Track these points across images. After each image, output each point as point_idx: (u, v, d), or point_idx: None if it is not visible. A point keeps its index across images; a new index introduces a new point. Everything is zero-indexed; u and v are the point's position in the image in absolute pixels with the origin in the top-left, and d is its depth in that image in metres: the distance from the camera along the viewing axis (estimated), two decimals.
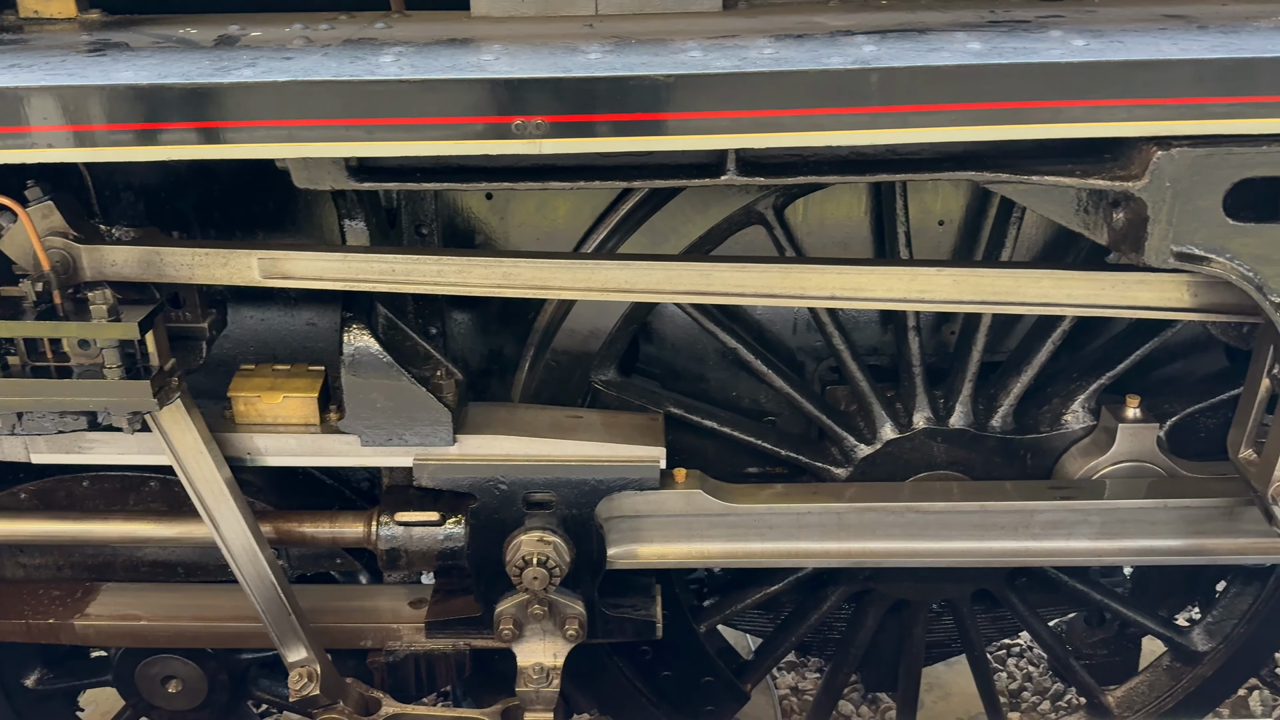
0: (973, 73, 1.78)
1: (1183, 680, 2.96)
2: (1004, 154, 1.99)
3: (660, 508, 2.47)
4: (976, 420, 2.65)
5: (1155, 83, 1.79)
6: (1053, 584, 2.86)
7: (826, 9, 2.30)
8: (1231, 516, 2.46)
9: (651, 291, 2.16)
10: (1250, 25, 1.92)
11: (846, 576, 2.85)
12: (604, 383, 2.60)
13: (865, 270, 2.19)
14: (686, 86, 1.78)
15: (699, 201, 2.42)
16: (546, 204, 2.56)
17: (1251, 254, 1.95)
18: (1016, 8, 2.17)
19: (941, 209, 2.65)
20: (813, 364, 2.84)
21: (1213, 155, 1.86)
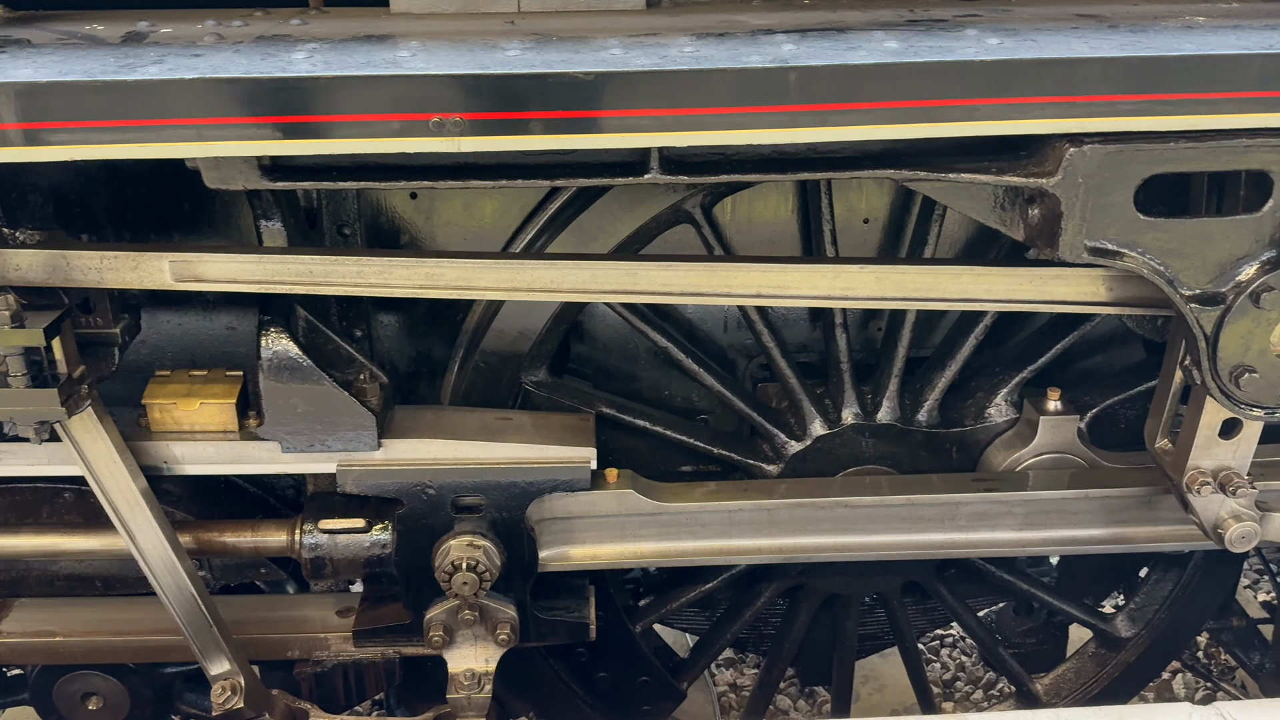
0: (889, 71, 1.80)
1: (1108, 666, 3.04)
2: (923, 152, 2.01)
3: (592, 508, 2.46)
4: (903, 415, 2.68)
5: (1067, 81, 1.82)
6: (981, 575, 2.91)
7: (750, 8, 2.31)
8: (1150, 505, 2.52)
9: (578, 291, 2.15)
10: (1159, 25, 1.96)
11: (779, 572, 2.87)
12: (535, 384, 2.58)
13: (790, 268, 2.20)
14: (605, 84, 1.77)
15: (626, 201, 2.42)
16: (473, 203, 2.53)
17: (1162, 248, 2.00)
18: (935, 7, 2.19)
19: (866, 207, 2.68)
20: (744, 362, 2.85)
21: (1123, 152, 1.90)
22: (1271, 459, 2.51)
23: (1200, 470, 2.26)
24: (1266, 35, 1.90)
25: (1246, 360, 2.05)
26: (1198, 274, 2.00)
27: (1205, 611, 3.03)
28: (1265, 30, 1.92)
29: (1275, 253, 1.98)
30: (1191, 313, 2.02)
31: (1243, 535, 2.29)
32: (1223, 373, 2.07)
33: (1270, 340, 2.04)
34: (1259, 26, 1.94)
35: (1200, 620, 3.05)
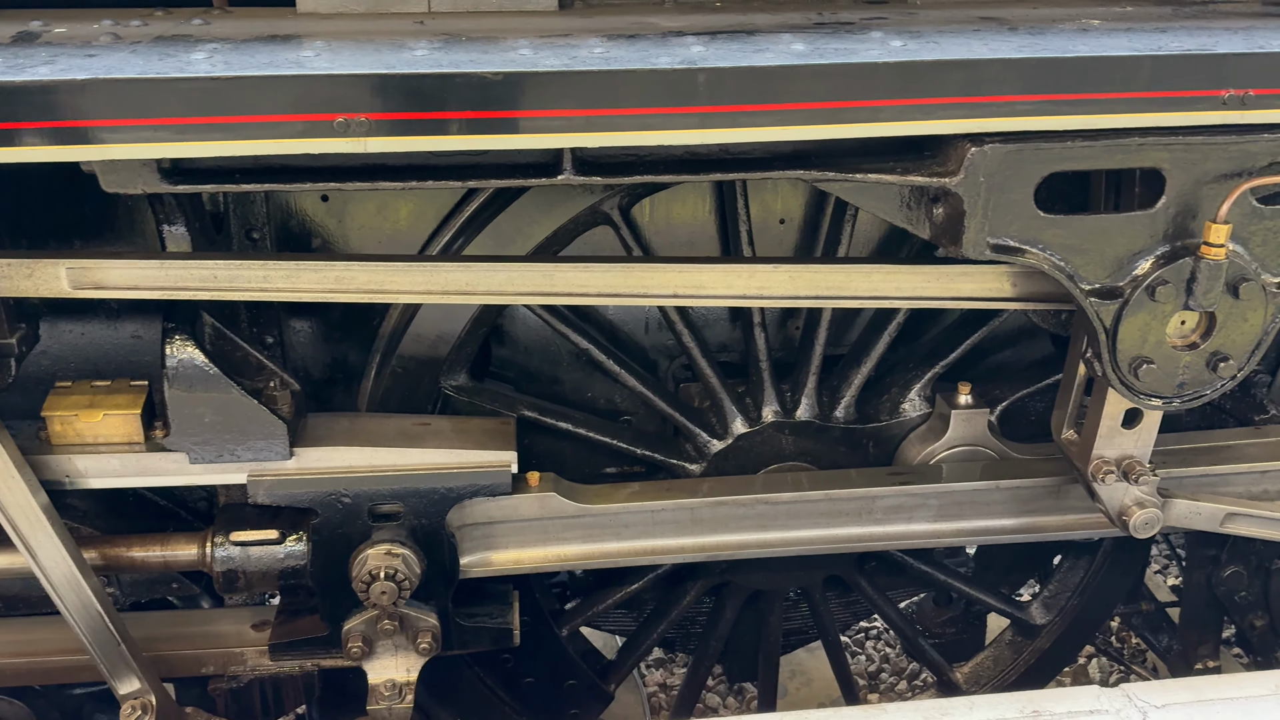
0: (795, 73, 1.82)
1: (1024, 653, 3.12)
2: (832, 153, 2.04)
3: (514, 513, 2.44)
4: (821, 412, 2.72)
5: (967, 82, 1.87)
6: (900, 567, 2.96)
7: (662, 10, 2.32)
8: (1059, 494, 2.60)
9: (494, 294, 2.13)
10: (1056, 27, 2.03)
11: (704, 571, 2.89)
12: (454, 388, 2.55)
13: (705, 268, 2.22)
14: (513, 85, 1.76)
15: (544, 202, 2.41)
16: (388, 206, 2.50)
17: (1062, 244, 2.06)
18: (843, 10, 2.23)
19: (782, 208, 2.71)
20: (666, 362, 2.86)
21: (1023, 151, 1.95)
22: (1172, 447, 2.62)
23: (1104, 459, 2.33)
24: (1157, 37, 1.97)
25: (1144, 352, 2.13)
26: (1096, 269, 2.07)
27: (1115, 597, 3.13)
28: (1156, 33, 2.00)
29: (1169, 247, 2.06)
30: (1091, 306, 2.08)
31: (1146, 521, 2.37)
32: (1122, 364, 2.14)
33: (1166, 332, 2.12)
34: (1150, 29, 2.02)
35: (1111, 605, 3.15)
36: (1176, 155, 1.98)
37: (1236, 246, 2.06)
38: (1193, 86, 1.89)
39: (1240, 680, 2.20)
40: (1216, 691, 2.15)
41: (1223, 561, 3.02)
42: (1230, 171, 2.00)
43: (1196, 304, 2.05)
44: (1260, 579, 3.08)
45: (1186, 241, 2.04)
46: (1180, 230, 2.04)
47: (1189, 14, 2.17)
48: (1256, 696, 2.14)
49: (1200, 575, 3.06)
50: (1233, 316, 2.10)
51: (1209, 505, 2.45)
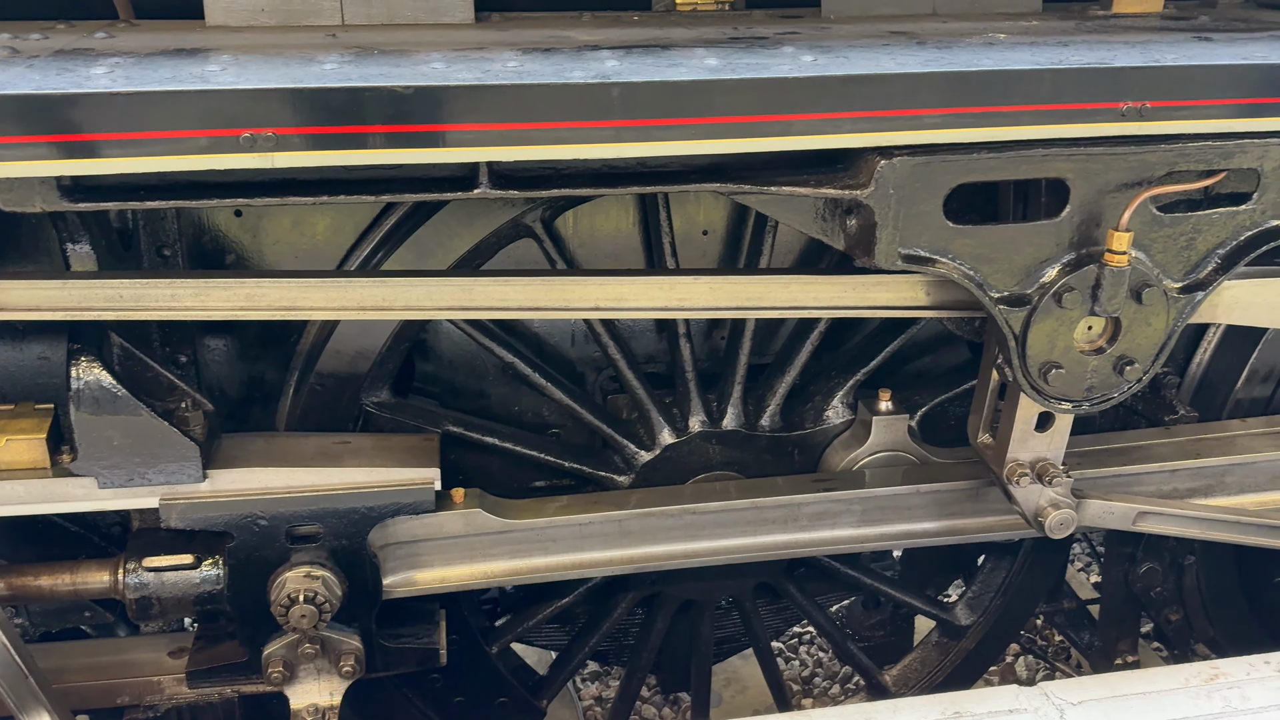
0: (707, 88, 1.84)
1: (950, 654, 3.17)
2: (747, 166, 2.06)
3: (438, 530, 2.41)
4: (747, 421, 2.74)
5: (874, 96, 1.90)
6: (828, 572, 3.00)
7: (579, 24, 2.33)
8: (977, 497, 2.65)
9: (411, 309, 2.11)
10: (963, 41, 2.07)
11: (635, 582, 2.89)
12: (376, 405, 2.52)
13: (627, 281, 2.23)
14: (424, 99, 1.75)
15: (464, 215, 2.39)
16: (304, 220, 2.46)
17: (971, 254, 2.11)
18: (759, 25, 2.26)
19: (705, 219, 2.73)
20: (593, 374, 2.86)
21: (930, 163, 2.00)
22: (1086, 449, 2.69)
23: (1019, 462, 2.39)
24: (1059, 51, 2.03)
25: (1053, 357, 2.19)
26: (1005, 277, 2.13)
27: (1037, 596, 3.20)
28: (1059, 46, 2.06)
29: (1074, 255, 2.12)
30: (1001, 314, 2.13)
31: (1061, 522, 2.43)
32: (1032, 369, 2.19)
33: (1074, 337, 2.18)
34: (1053, 43, 2.08)
35: (1033, 604, 3.22)
36: (1079, 166, 2.05)
37: (1138, 253, 2.13)
38: (1092, 99, 1.95)
39: (1152, 675, 2.27)
40: (1130, 687, 2.21)
41: (1139, 559, 3.10)
42: (1131, 181, 2.07)
43: (1102, 310, 2.12)
44: (1174, 575, 3.17)
45: (1091, 249, 2.11)
46: (1084, 238, 2.10)
47: (1091, 28, 2.25)
48: (1168, 690, 2.21)
49: (1118, 573, 3.15)
50: (1137, 321, 2.17)
51: (1121, 505, 2.52)
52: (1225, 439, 2.78)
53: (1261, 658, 2.32)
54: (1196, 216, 2.14)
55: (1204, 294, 2.17)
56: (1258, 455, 2.74)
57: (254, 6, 2.18)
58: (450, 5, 2.25)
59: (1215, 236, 2.16)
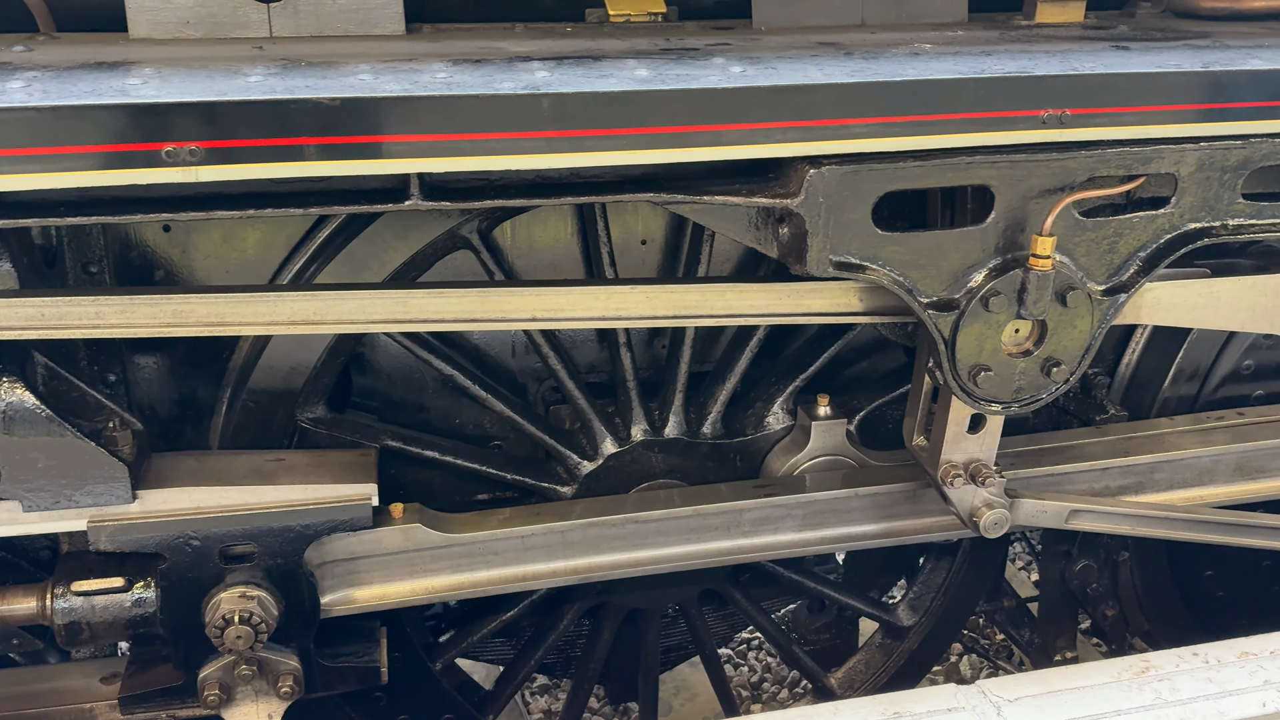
0: (637, 98, 1.85)
1: (894, 655, 3.20)
2: (680, 176, 2.08)
3: (377, 547, 2.38)
4: (689, 428, 2.75)
5: (801, 106, 1.93)
6: (772, 577, 3.01)
7: (512, 35, 2.33)
8: (915, 499, 2.69)
9: (343, 322, 2.09)
10: (889, 52, 2.11)
11: (580, 593, 2.88)
12: (312, 420, 2.48)
13: (563, 291, 2.23)
14: (349, 111, 1.74)
15: (399, 227, 2.37)
16: (234, 234, 2.42)
17: (901, 260, 2.14)
18: (690, 36, 2.28)
19: (643, 229, 2.74)
20: (535, 385, 2.85)
21: (859, 172, 2.03)
22: (1020, 449, 2.74)
23: (952, 464, 2.43)
24: (982, 60, 2.08)
25: (982, 360, 2.23)
26: (934, 283, 2.16)
27: (977, 595, 3.25)
28: (982, 56, 2.10)
29: (1000, 260, 2.17)
30: (930, 318, 2.17)
31: (995, 521, 2.47)
32: (962, 372, 2.23)
33: (1001, 340, 2.23)
34: (977, 53, 2.12)
35: (974, 603, 3.27)
36: (1003, 173, 2.09)
37: (1062, 257, 2.18)
38: (1014, 107, 2.00)
39: (1085, 670, 2.32)
40: (1064, 682, 2.26)
41: (1074, 556, 3.16)
42: (1053, 187, 2.12)
43: (1028, 313, 2.16)
44: (1109, 571, 3.24)
45: (1016, 254, 2.15)
46: (1010, 244, 2.15)
47: (1015, 38, 2.30)
48: (1101, 684, 2.26)
49: (1054, 570, 3.21)
50: (1062, 324, 2.22)
51: (1054, 503, 2.57)
52: (1154, 437, 2.85)
53: (1190, 650, 2.38)
54: (1118, 220, 2.20)
55: (1127, 296, 2.23)
56: (1185, 452, 2.82)
57: (178, 19, 2.15)
58: (381, 17, 2.24)
59: (1136, 240, 2.22)
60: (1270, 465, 2.89)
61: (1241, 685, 2.26)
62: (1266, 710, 2.20)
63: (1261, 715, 2.19)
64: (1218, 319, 2.42)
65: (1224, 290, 2.38)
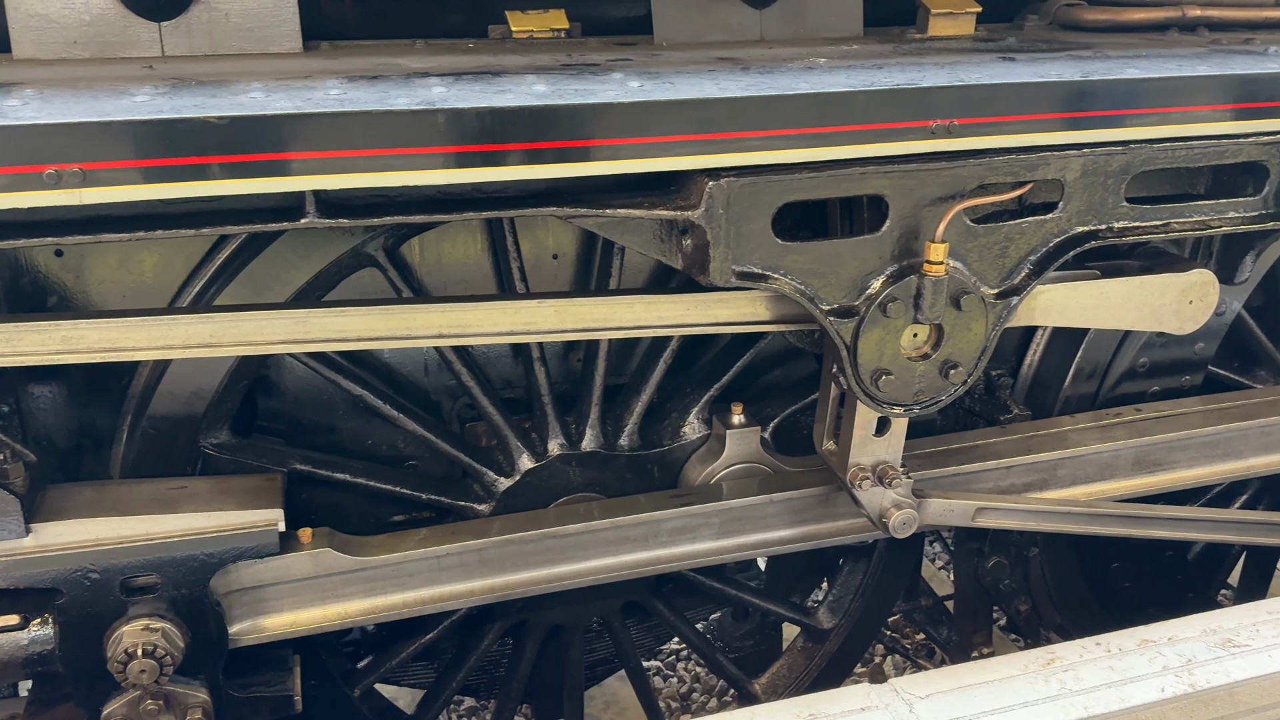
0: (533, 114, 1.86)
1: (815, 658, 3.24)
2: (584, 190, 2.09)
3: (286, 573, 2.34)
4: (606, 441, 2.76)
5: (699, 120, 1.96)
6: (694, 586, 3.03)
7: (412, 51, 2.33)
8: (828, 503, 2.73)
9: (241, 344, 2.05)
10: (784, 66, 2.16)
11: (501, 611, 2.85)
12: (215, 446, 2.43)
13: (470, 307, 2.22)
14: (237, 129, 1.71)
15: (301, 246, 2.34)
16: (130, 258, 2.36)
17: (801, 269, 2.18)
18: (592, 52, 2.30)
19: (554, 243, 2.75)
20: (449, 403, 2.83)
21: (757, 183, 2.06)
22: (927, 450, 2.81)
23: (860, 466, 2.48)
24: (873, 74, 2.13)
25: (883, 364, 2.28)
26: (834, 290, 2.21)
27: (895, 595, 3.31)
28: (873, 69, 2.16)
29: (896, 267, 2.22)
30: (832, 325, 2.22)
31: (903, 522, 2.53)
32: (864, 377, 2.28)
33: (901, 345, 2.28)
34: (869, 66, 2.18)
35: (891, 603, 3.33)
36: (896, 182, 2.15)
37: (956, 263, 2.24)
38: (903, 118, 2.06)
39: (993, 664, 2.38)
40: (974, 677, 2.31)
41: (986, 553, 3.24)
42: (944, 195, 2.18)
43: (924, 317, 2.22)
44: (1020, 567, 3.33)
45: (911, 261, 2.21)
46: (905, 251, 2.21)
47: (907, 51, 2.37)
48: (1008, 677, 2.32)
49: (968, 568, 3.29)
50: (958, 327, 2.29)
51: (960, 502, 2.64)
52: (1056, 434, 2.94)
53: (1093, 640, 2.46)
54: (1008, 226, 2.27)
55: (1019, 299, 2.31)
56: (1086, 448, 2.91)
57: (65, 39, 2.10)
58: (277, 35, 2.22)
59: (1026, 244, 2.30)
60: (1167, 458, 3.01)
61: (1142, 672, 2.34)
62: (1165, 695, 2.28)
63: (1160, 700, 2.27)
64: (1108, 318, 2.51)
65: (1113, 290, 2.48)
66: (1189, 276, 2.54)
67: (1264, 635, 2.46)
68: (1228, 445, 3.06)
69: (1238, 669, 2.36)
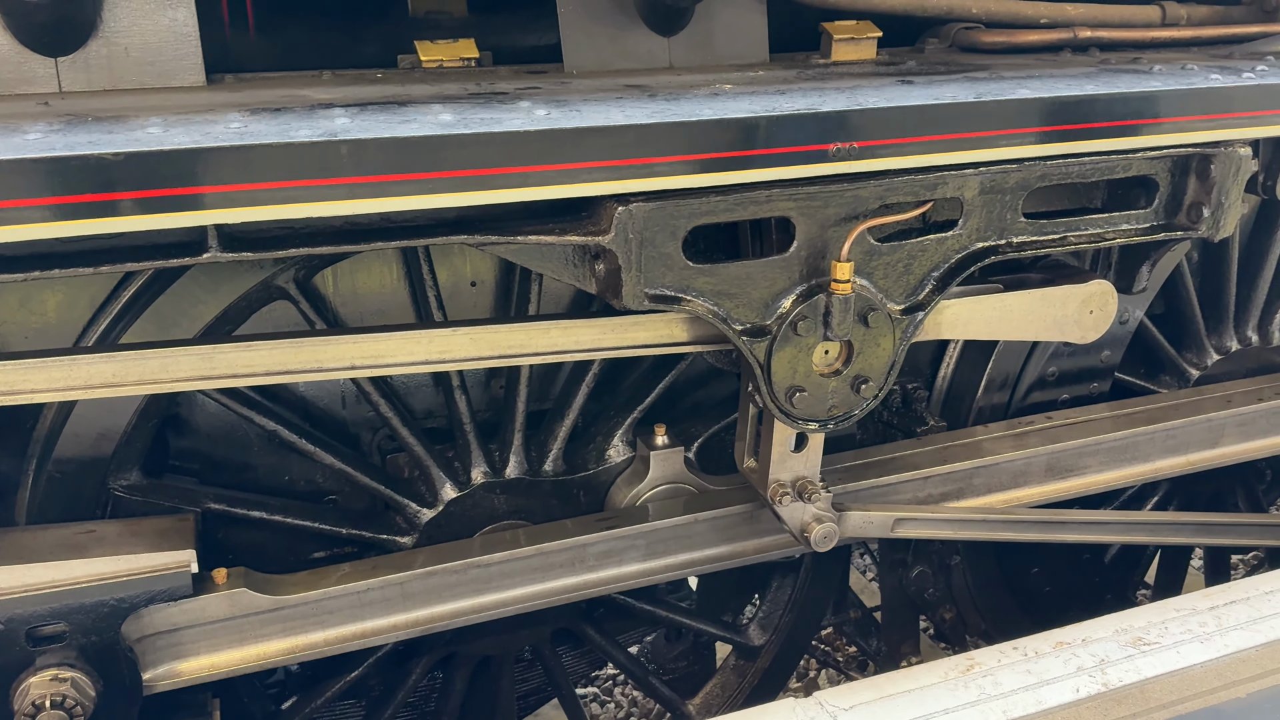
0: (438, 143, 1.86)
1: (748, 675, 3.26)
2: (495, 217, 2.10)
3: (200, 616, 2.28)
4: (530, 467, 2.75)
5: (605, 146, 1.98)
6: (625, 609, 3.03)
7: (319, 83, 2.31)
8: (753, 519, 2.76)
9: (146, 383, 2.00)
10: (691, 93, 2.19)
11: (428, 645, 2.82)
12: (126, 488, 2.37)
13: (382, 338, 2.20)
14: (133, 165, 1.68)
15: (208, 281, 2.31)
16: (32, 298, 2.30)
17: (714, 291, 2.21)
18: (501, 80, 2.31)
19: (472, 271, 2.74)
20: (369, 434, 2.80)
21: (665, 208, 2.09)
22: (847, 464, 2.86)
23: (780, 483, 2.51)
24: (775, 99, 2.18)
25: (796, 381, 2.32)
26: (746, 311, 2.24)
27: (823, 608, 3.35)
28: (776, 95, 2.20)
29: (805, 286, 2.27)
30: (745, 345, 2.25)
31: (824, 535, 2.56)
32: (779, 395, 2.32)
33: (813, 362, 2.33)
34: (772, 91, 2.23)
35: (820, 617, 3.37)
36: (801, 204, 2.20)
37: (862, 280, 2.30)
38: (804, 142, 2.10)
39: (914, 673, 2.41)
40: (895, 686, 2.34)
41: (910, 563, 3.31)
42: (848, 215, 2.23)
43: (834, 334, 2.27)
44: (944, 575, 3.40)
45: (819, 280, 2.26)
46: (813, 270, 2.25)
47: (810, 76, 2.42)
48: (930, 685, 2.35)
49: (893, 578, 3.35)
50: (867, 343, 2.34)
51: (879, 514, 2.69)
52: (971, 444, 3.02)
53: (1010, 644, 2.51)
54: (911, 243, 2.34)
55: (924, 314, 2.37)
56: (1000, 457, 2.99)
57: None
58: (178, 68, 2.19)
59: (929, 261, 2.36)
60: (1078, 464, 3.10)
61: (1057, 674, 2.39)
62: (1080, 695, 2.34)
63: (1075, 700, 2.32)
64: (1012, 330, 2.59)
65: (1016, 303, 2.56)
66: (1088, 287, 2.64)
67: (1173, 632, 2.54)
68: (1135, 449, 3.17)
69: (1148, 666, 2.43)
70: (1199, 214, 2.55)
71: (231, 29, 2.34)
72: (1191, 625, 2.55)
